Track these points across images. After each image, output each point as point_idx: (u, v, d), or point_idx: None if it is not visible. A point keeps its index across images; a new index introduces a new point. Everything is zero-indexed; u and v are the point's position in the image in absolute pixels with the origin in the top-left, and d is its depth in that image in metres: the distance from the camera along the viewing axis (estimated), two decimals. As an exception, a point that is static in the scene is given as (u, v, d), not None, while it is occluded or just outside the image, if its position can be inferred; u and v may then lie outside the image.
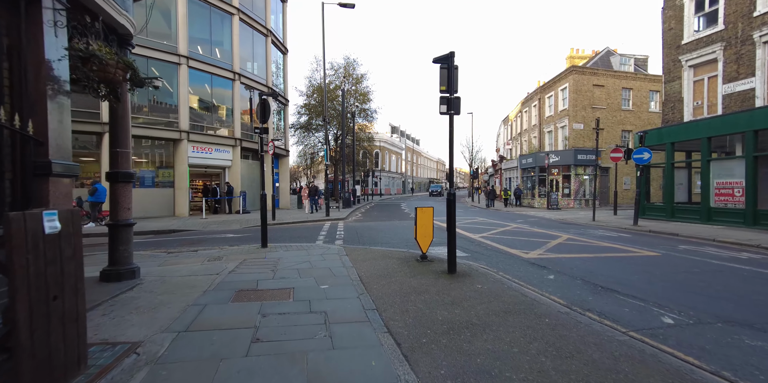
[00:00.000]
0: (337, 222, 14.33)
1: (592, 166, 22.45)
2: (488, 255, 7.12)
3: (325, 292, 4.43)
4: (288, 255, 6.96)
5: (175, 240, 10.08)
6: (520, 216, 17.03)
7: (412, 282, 4.88)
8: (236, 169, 18.67)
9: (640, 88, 23.64)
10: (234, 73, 18.42)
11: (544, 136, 26.12)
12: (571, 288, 4.79)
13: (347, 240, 9.37)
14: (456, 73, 5.22)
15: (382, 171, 52.50)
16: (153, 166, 16.13)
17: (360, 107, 31.05)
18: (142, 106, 15.38)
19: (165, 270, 5.65)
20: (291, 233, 10.93)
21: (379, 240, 9.32)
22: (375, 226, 12.54)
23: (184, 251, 8.05)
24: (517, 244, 8.42)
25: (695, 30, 12.72)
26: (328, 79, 31.59)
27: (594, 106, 22.87)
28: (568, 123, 22.98)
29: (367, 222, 14.30)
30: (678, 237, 9.79)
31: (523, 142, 30.95)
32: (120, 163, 4.59)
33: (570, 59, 26.91)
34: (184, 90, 16.22)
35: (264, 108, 7.66)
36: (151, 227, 12.64)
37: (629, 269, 5.90)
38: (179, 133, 16.12)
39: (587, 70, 22.63)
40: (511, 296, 4.23)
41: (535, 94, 28.03)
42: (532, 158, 24.76)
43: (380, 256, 6.71)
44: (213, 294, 4.28)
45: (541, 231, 11.11)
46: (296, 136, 33.47)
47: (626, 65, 23.86)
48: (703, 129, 11.74)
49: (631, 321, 3.61)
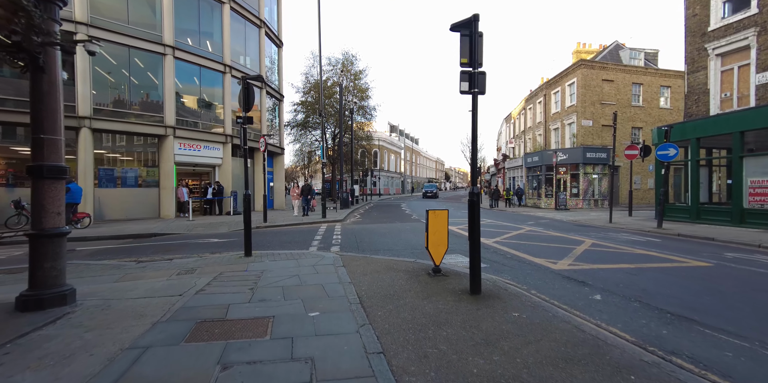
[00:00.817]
0: (334, 224, 13.26)
1: (602, 164, 21.50)
2: (511, 266, 6.06)
3: (315, 323, 3.36)
4: (274, 266, 5.88)
5: (152, 245, 8.99)
6: (529, 218, 16.00)
7: (427, 306, 3.81)
8: (227, 168, 17.56)
9: (650, 84, 22.66)
10: (224, 66, 17.30)
11: (550, 133, 25.12)
12: (631, 315, 3.73)
13: (345, 246, 8.29)
14: (481, 42, 4.16)
15: (381, 170, 51.44)
16: (136, 164, 15.01)
17: (358, 104, 30.00)
18: (122, 98, 14.25)
19: (117, 289, 4.56)
20: (282, 237, 9.84)
21: (381, 246, 8.25)
22: (375, 229, 11.47)
23: (157, 259, 6.99)
24: (539, 251, 7.36)
25: (723, 16, 11.71)
26: (325, 75, 30.53)
27: (603, 101, 21.86)
28: (576, 119, 21.98)
29: (367, 224, 13.23)
30: (715, 243, 8.76)
31: (527, 140, 29.95)
32: (45, 153, 3.48)
33: (576, 54, 25.92)
34: (170, 82, 15.10)
35: (248, 94, 6.58)
36: (131, 230, 11.54)
37: (688, 285, 4.85)
38: (164, 129, 15.00)
39: (596, 64, 21.63)
40: (562, 330, 3.16)
41: (540, 90, 27.03)
42: (538, 156, 23.75)
43: (384, 268, 5.63)
44: (164, 329, 3.20)
45: (559, 234, 10.06)
46: (293, 134, 32.42)
47: (636, 59, 22.88)
48: (735, 122, 10.73)
49: (752, 379, 2.55)
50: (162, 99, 15.07)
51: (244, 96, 6.57)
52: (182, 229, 12.06)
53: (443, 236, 5.07)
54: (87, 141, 12.97)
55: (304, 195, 16.36)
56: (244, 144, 6.73)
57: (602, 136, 21.92)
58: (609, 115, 21.96)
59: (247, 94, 6.58)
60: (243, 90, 6.59)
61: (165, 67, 15.03)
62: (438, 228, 5.05)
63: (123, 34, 13.79)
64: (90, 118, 13.01)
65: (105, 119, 13.41)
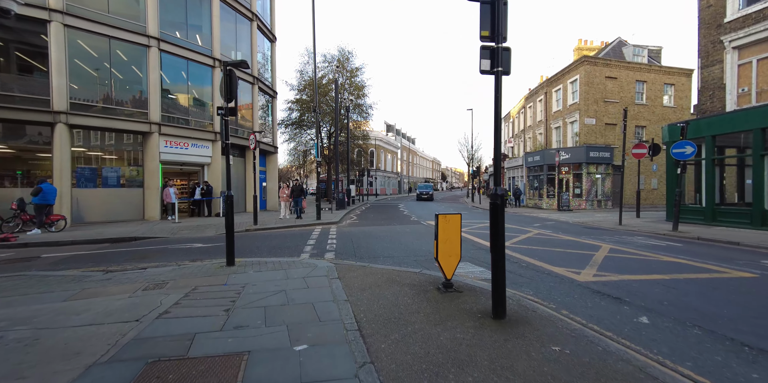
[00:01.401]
0: (329, 226, 12.48)
1: (605, 164, 20.92)
2: (529, 277, 5.33)
3: (302, 362, 2.61)
4: (258, 278, 5.10)
5: (129, 251, 8.16)
6: (534, 219, 15.32)
7: (442, 336, 3.06)
8: (217, 167, 16.70)
9: (654, 81, 22.11)
10: (214, 60, 16.45)
11: (551, 132, 24.52)
12: (698, 349, 3.00)
13: (340, 251, 7.53)
14: (505, 11, 3.42)
15: (378, 170, 50.70)
16: (119, 163, 14.12)
17: (355, 102, 29.21)
18: (103, 93, 13.35)
19: (63, 311, 3.76)
20: (272, 241, 9.05)
21: (381, 251, 7.50)
22: (373, 232, 10.71)
23: (129, 269, 6.19)
24: (555, 258, 6.65)
25: (740, 6, 11.10)
26: (320, 72, 29.75)
27: (606, 99, 21.28)
28: (578, 118, 21.37)
29: (364, 226, 12.47)
30: (742, 248, 8.10)
31: (527, 139, 29.35)
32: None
33: (578, 51, 25.35)
34: (155, 76, 14.23)
35: (230, 82, 5.79)
36: (110, 234, 10.69)
37: (746, 303, 4.14)
38: (149, 126, 14.13)
39: (599, 61, 21.04)
40: (624, 375, 2.42)
41: (540, 88, 26.43)
42: (539, 156, 23.14)
43: (385, 280, 4.88)
44: (98, 376, 2.42)
45: (571, 238, 9.37)
46: (287, 133, 31.56)
47: (639, 56, 22.33)
48: (755, 119, 10.11)
49: None
50: (146, 94, 14.19)
51: (226, 84, 5.79)
52: (166, 233, 11.23)
53: (455, 245, 4.32)
54: (63, 137, 12.07)
55: (296, 197, 14.88)
56: (225, 138, 5.95)
57: (605, 135, 21.35)
58: (612, 113, 21.41)
59: (229, 83, 5.80)
60: (225, 77, 5.81)
61: (149, 60, 14.15)
62: (449, 236, 4.30)
63: (103, 24, 12.90)
64: (66, 113, 12.11)
65: (83, 114, 12.52)
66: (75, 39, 12.50)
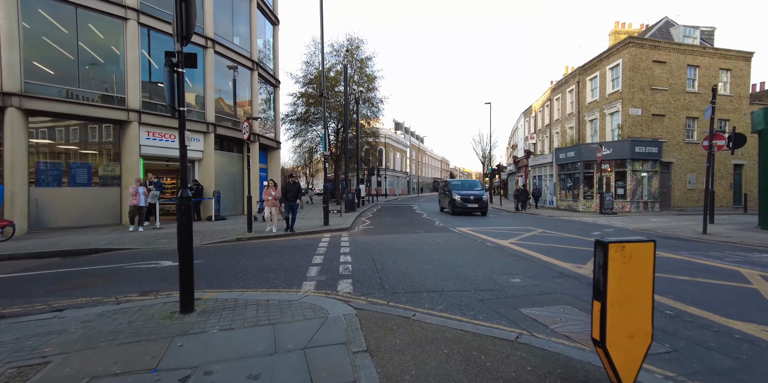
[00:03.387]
0: (339, 234, 10.14)
1: (652, 160, 18.28)
2: (707, 345, 2.88)
3: None
4: (222, 350, 2.75)
5: (70, 273, 5.92)
6: (585, 226, 12.82)
7: None
8: (209, 163, 14.49)
9: (708, 66, 19.39)
10: (206, 39, 14.23)
11: (585, 125, 21.90)
12: None
13: (360, 278, 5.16)
14: None
15: (387, 169, 48.33)
16: (92, 158, 11.94)
17: (365, 94, 26.83)
18: (68, 72, 11.16)
19: None
20: (265, 259, 6.72)
21: (419, 279, 5.12)
22: (396, 243, 8.34)
23: (36, 310, 4.08)
24: (712, 301, 4.20)
25: None
26: (328, 63, 27.44)
27: (654, 86, 18.63)
28: (621, 108, 18.75)
29: (382, 234, 10.10)
30: None
31: (554, 134, 26.72)
32: None
33: (615, 35, 22.68)
34: (133, 55, 12.03)
35: (187, 5, 3.45)
36: (66, 244, 8.50)
37: None
38: (127, 113, 11.94)
39: (647, 43, 18.39)
40: None
41: (571, 77, 23.81)
42: (574, 151, 20.53)
43: (460, 364, 2.50)
44: None
45: (676, 256, 6.88)
46: (292, 130, 29.30)
47: (690, 37, 19.63)
48: None
49: None
50: (124, 75, 12.00)
51: (178, 10, 3.45)
52: (139, 242, 9.00)
53: (642, 312, 1.92)
54: (15, 125, 9.90)
55: (288, 201, 10.07)
56: (175, 105, 3.59)
57: (652, 127, 18.70)
58: (661, 102, 18.77)
59: (186, 6, 3.46)
60: (176, 1, 3.47)
61: (127, 36, 11.95)
62: (629, 291, 1.91)
63: (69, -10, 10.74)
64: (20, 95, 9.94)
65: (43, 98, 10.34)
66: (33, 6, 10.33)
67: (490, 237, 9.43)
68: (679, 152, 19.14)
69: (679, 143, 19.13)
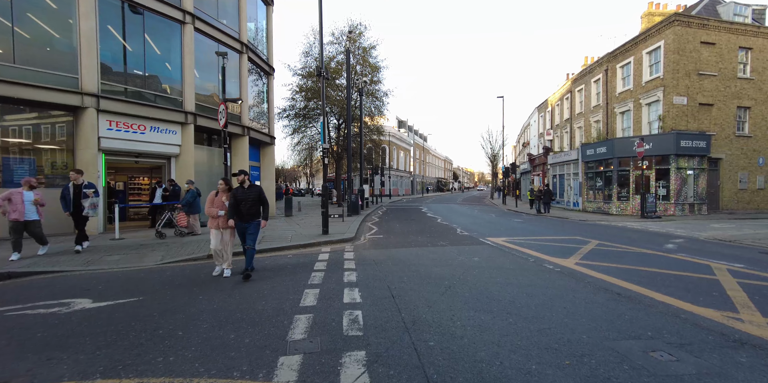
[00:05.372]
0: (341, 247, 7.88)
1: (699, 156, 15.95)
2: None
3: None
4: None
5: None
6: (637, 234, 10.52)
7: None
8: (188, 159, 12.26)
9: (762, 48, 17.04)
10: (183, 12, 11.99)
11: (614, 118, 19.55)
12: None
13: (380, 348, 2.87)
14: None
15: (391, 169, 46.04)
16: (35, 154, 9.74)
17: (369, 88, 24.53)
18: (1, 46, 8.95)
19: None
20: (232, 295, 4.44)
21: (485, 351, 2.84)
22: (420, 264, 6.07)
23: None
24: None
25: None
26: (329, 53, 25.21)
27: (701, 71, 16.28)
28: (662, 96, 16.41)
29: (397, 247, 7.82)
30: None
31: (575, 129, 24.37)
32: None
33: (648, 17, 20.31)
34: (88, 26, 9.82)
35: None
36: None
37: None
38: (81, 97, 9.73)
39: (694, 21, 16.04)
40: None
41: (597, 66, 21.47)
42: (605, 147, 18.19)
43: None
44: None
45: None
46: (291, 126, 27.06)
47: (741, 16, 17.29)
48: None
49: None
50: (77, 52, 9.78)
51: None
52: (79, 261, 6.82)
53: None
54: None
55: (242, 221, 5.44)
56: None
57: (699, 119, 16.35)
58: (709, 89, 16.42)
59: None
60: None
61: (79, 4, 9.73)
62: None
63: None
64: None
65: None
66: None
67: (541, 253, 7.15)
68: (728, 147, 16.78)
69: (729, 136, 16.77)
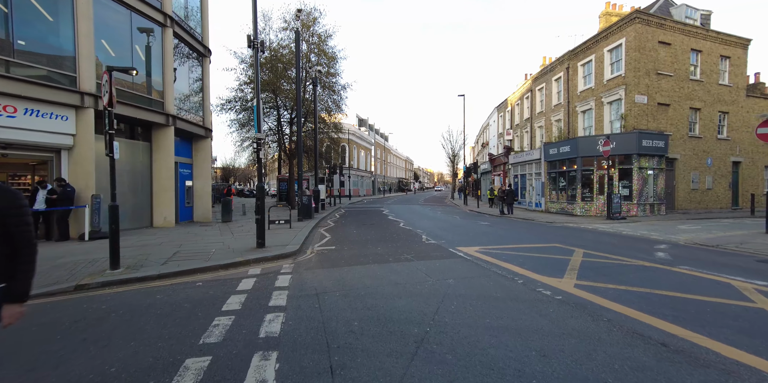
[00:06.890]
0: (278, 265, 5.97)
1: (658, 156, 15.91)
2: None
3: None
4: None
5: None
6: (613, 238, 9.69)
7: None
8: (85, 153, 9.63)
9: (710, 52, 17.49)
10: (77, -36, 9.33)
11: (576, 117, 19.33)
12: None
13: None
14: None
15: (351, 168, 44.16)
16: None
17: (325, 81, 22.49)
18: None
19: None
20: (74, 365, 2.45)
21: None
22: (380, 296, 4.43)
23: None
24: None
25: None
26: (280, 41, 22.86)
27: (659, 71, 16.30)
28: (624, 95, 16.21)
29: (351, 265, 6.09)
30: None
31: (536, 128, 24.16)
32: None
33: (606, 17, 20.36)
34: None
35: None
36: None
37: None
38: None
39: (653, 20, 15.99)
40: None
41: (558, 64, 21.24)
42: (569, 146, 17.78)
43: None
44: None
45: None
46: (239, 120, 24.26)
47: (691, 19, 17.65)
48: None
49: None
50: None
51: None
52: None
53: None
54: None
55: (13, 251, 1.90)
56: None
57: (657, 119, 16.36)
58: (666, 89, 16.48)
59: None
60: None
61: None
62: None
63: None
64: None
65: None
66: None
67: (526, 270, 5.78)
68: (683, 147, 17.01)
69: (683, 137, 16.99)
